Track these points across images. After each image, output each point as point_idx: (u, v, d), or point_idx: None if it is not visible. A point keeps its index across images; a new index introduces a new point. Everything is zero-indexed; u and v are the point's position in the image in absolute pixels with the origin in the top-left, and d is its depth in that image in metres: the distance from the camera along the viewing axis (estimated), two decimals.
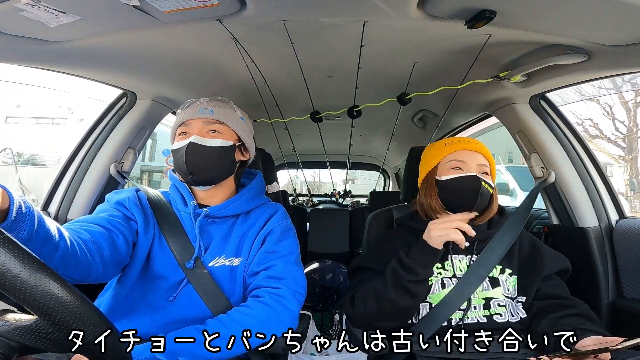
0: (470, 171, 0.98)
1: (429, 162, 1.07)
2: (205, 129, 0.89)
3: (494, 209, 1.03)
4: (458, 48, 1.10)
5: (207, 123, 0.90)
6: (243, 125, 0.95)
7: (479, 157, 1.01)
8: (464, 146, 1.02)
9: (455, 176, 0.99)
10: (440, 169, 1.03)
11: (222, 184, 0.94)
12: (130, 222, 0.88)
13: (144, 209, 0.91)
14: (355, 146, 2.33)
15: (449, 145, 1.04)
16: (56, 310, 0.42)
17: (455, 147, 1.02)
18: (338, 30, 1.01)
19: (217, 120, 0.90)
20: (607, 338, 0.76)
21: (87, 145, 1.29)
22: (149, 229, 0.89)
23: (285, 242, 0.92)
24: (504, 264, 0.98)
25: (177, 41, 1.03)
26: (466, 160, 1.00)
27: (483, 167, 1.00)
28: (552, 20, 0.84)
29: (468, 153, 1.01)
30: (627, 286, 1.15)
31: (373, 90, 1.50)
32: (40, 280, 0.41)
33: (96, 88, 1.27)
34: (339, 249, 2.54)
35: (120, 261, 0.84)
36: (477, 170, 0.99)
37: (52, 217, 1.22)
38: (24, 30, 0.83)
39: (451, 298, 0.92)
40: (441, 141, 1.08)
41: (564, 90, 1.18)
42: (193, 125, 0.90)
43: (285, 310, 0.81)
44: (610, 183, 1.26)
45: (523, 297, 0.94)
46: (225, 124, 0.91)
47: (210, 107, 0.91)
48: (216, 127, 0.90)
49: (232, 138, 0.92)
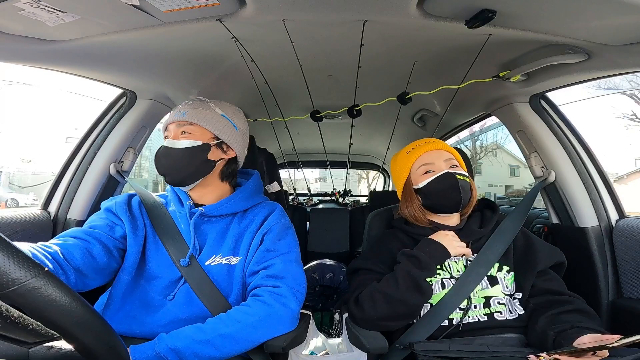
0: (441, 169, 1.00)
1: (400, 174, 1.09)
2: (178, 131, 0.92)
3: (474, 196, 1.04)
4: (458, 47, 1.10)
5: (179, 125, 0.93)
6: (221, 123, 0.95)
7: (443, 154, 1.03)
8: (425, 148, 1.04)
9: (430, 179, 1.00)
10: (413, 177, 1.05)
11: (208, 183, 0.95)
12: (115, 227, 0.90)
13: (133, 212, 0.93)
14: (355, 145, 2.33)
15: (411, 152, 1.06)
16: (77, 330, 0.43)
17: (418, 152, 1.04)
18: (338, 29, 1.01)
19: (188, 121, 0.92)
20: (604, 336, 0.76)
21: (87, 145, 1.28)
22: (138, 231, 0.90)
23: (284, 240, 0.92)
24: (501, 261, 0.98)
25: (177, 41, 1.03)
26: (433, 160, 1.02)
27: (451, 162, 1.02)
28: (552, 20, 0.84)
29: (431, 153, 1.03)
30: (627, 286, 1.15)
31: (373, 90, 1.50)
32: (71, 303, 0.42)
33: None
34: (339, 248, 2.54)
35: (103, 267, 0.86)
36: (446, 167, 1.00)
37: (51, 217, 1.22)
38: (23, 30, 0.83)
39: (450, 297, 0.93)
40: (403, 151, 1.10)
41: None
42: (170, 129, 0.94)
43: (285, 309, 0.82)
44: (610, 182, 1.26)
45: (520, 294, 0.94)
46: (196, 123, 0.92)
47: (184, 109, 0.94)
48: (186, 128, 0.92)
49: (205, 137, 0.93)
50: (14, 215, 1.11)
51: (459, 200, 0.98)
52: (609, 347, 0.66)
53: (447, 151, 1.04)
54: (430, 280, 0.94)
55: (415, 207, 1.04)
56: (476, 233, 1.01)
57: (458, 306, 0.92)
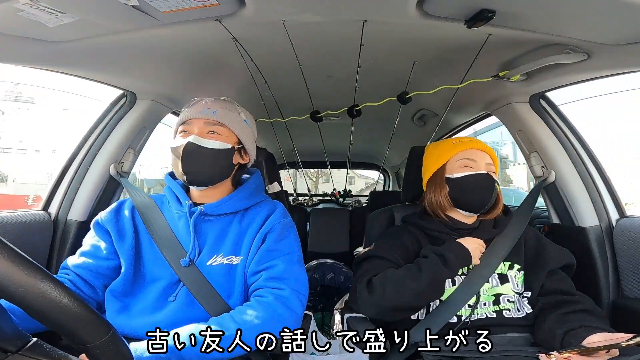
0: (480, 169, 1.00)
1: (437, 160, 1.06)
2: (205, 129, 0.89)
3: (500, 206, 1.05)
4: (457, 47, 1.09)
5: (208, 124, 0.90)
6: (245, 129, 0.95)
7: (487, 157, 1.02)
8: (473, 145, 1.03)
9: (468, 174, 0.99)
10: (449, 167, 1.03)
11: (218, 185, 0.94)
12: (101, 248, 0.90)
13: (121, 220, 0.93)
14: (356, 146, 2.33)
15: (458, 144, 1.04)
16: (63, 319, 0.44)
17: (465, 146, 1.03)
18: (338, 29, 1.01)
19: (219, 121, 0.90)
20: (615, 335, 0.76)
21: (87, 146, 1.28)
22: (126, 238, 0.90)
23: (286, 240, 0.91)
24: (512, 259, 0.99)
25: (176, 41, 1.03)
26: (476, 159, 1.01)
27: (490, 167, 1.02)
28: (552, 20, 0.84)
29: (477, 152, 1.02)
30: (627, 285, 1.15)
31: (373, 90, 1.50)
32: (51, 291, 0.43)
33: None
34: (339, 248, 2.54)
35: (108, 278, 0.89)
36: (486, 169, 1.00)
37: (52, 217, 1.22)
38: (23, 31, 0.83)
39: (458, 294, 0.93)
40: (449, 139, 1.09)
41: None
42: (194, 125, 0.90)
43: (289, 312, 0.81)
44: (610, 182, 1.25)
45: (529, 293, 0.95)
46: (226, 126, 0.91)
47: (213, 107, 0.91)
48: (216, 128, 0.90)
49: (232, 141, 0.92)
50: (14, 216, 1.11)
51: (485, 204, 0.99)
52: (622, 346, 0.66)
53: (491, 156, 1.04)
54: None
55: (443, 195, 1.03)
56: (491, 233, 1.02)
57: (467, 303, 0.92)
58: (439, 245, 1.00)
